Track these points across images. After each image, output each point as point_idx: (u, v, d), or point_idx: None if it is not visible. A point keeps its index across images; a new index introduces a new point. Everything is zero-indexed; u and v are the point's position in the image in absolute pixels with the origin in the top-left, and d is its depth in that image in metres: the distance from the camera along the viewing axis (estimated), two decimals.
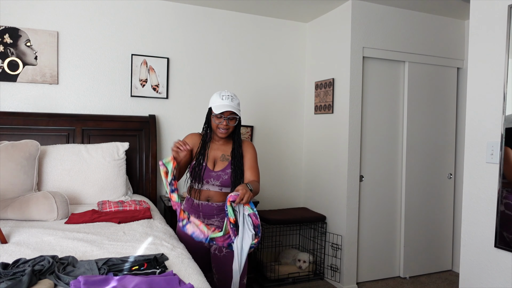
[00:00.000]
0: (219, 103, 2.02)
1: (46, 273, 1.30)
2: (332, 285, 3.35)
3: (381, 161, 3.42)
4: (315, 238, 3.53)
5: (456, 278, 3.49)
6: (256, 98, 3.66)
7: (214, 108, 2.02)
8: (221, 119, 2.03)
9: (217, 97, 2.05)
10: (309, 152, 3.78)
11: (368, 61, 3.31)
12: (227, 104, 2.01)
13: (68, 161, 2.61)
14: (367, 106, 3.33)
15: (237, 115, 2.05)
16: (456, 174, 3.75)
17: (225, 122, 2.03)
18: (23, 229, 1.92)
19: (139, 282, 1.22)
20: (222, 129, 2.04)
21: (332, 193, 3.40)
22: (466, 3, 3.15)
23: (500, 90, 2.05)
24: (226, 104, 2.00)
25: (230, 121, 2.04)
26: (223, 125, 2.03)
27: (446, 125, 3.68)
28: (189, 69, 3.40)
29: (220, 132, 2.06)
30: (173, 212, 2.87)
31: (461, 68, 3.71)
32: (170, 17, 3.32)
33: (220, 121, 2.03)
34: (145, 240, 1.82)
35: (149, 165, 3.12)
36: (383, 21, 3.30)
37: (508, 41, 2.01)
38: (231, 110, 2.00)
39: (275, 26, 3.70)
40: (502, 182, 2.02)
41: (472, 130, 2.22)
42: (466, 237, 2.25)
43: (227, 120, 2.03)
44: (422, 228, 3.58)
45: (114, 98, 3.18)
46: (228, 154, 2.12)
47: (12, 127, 2.78)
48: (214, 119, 2.05)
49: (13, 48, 2.87)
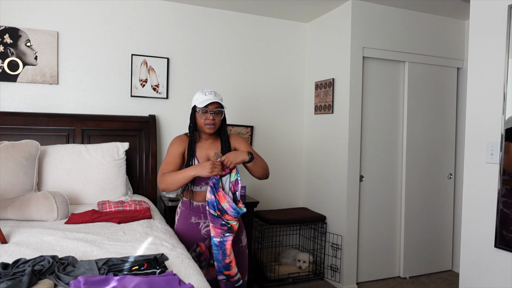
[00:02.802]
0: (203, 99, 2.04)
1: (46, 273, 1.30)
2: (332, 285, 3.35)
3: (381, 161, 3.42)
4: (315, 238, 3.53)
5: (456, 278, 3.49)
6: (256, 98, 3.66)
7: (198, 103, 2.04)
8: (207, 114, 2.04)
9: (200, 94, 2.08)
10: (309, 152, 3.78)
11: (368, 61, 3.31)
12: (211, 97, 2.03)
13: (68, 161, 2.61)
14: (367, 106, 3.33)
15: (222, 108, 2.07)
16: (456, 174, 3.75)
17: (211, 116, 2.04)
18: (23, 229, 1.92)
19: (139, 282, 1.22)
20: (209, 124, 2.05)
21: (332, 193, 3.40)
22: (466, 3, 3.15)
23: (500, 90, 2.05)
24: (210, 98, 2.03)
25: (216, 115, 2.06)
26: (209, 120, 2.04)
27: (446, 125, 3.68)
28: (189, 69, 3.40)
29: (208, 128, 2.06)
30: (173, 212, 2.86)
31: (461, 68, 3.71)
32: (170, 17, 3.32)
33: (206, 116, 2.05)
34: (145, 240, 1.82)
35: (149, 165, 3.12)
36: (383, 21, 3.30)
37: (508, 41, 2.01)
38: (216, 102, 2.03)
39: (275, 26, 3.70)
40: (503, 179, 2.02)
41: (472, 130, 2.22)
42: (466, 237, 2.25)
43: (213, 114, 2.04)
44: (422, 228, 3.58)
45: (114, 98, 3.18)
46: (219, 151, 2.13)
47: (12, 127, 2.78)
48: (200, 115, 2.05)
49: (13, 48, 2.87)
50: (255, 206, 3.16)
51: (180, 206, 2.22)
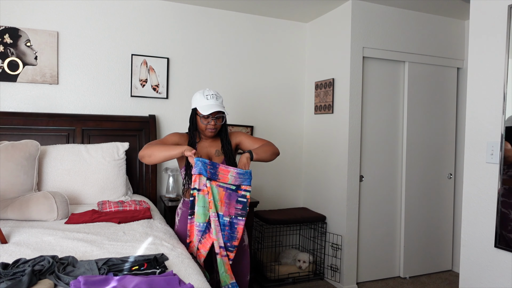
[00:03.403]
0: (204, 104, 2.01)
1: (46, 273, 1.30)
2: (332, 285, 3.35)
3: (381, 161, 3.42)
4: (315, 238, 3.53)
5: (456, 278, 3.49)
6: (256, 98, 3.66)
7: (200, 109, 2.01)
8: (209, 119, 2.03)
9: (201, 97, 2.04)
10: (309, 152, 3.78)
11: (368, 61, 3.31)
12: (213, 103, 2.01)
13: (68, 161, 2.61)
14: (367, 106, 3.33)
15: (224, 114, 2.06)
16: (456, 174, 3.75)
17: (213, 122, 2.03)
18: (23, 229, 1.92)
19: (139, 282, 1.22)
20: (210, 129, 2.05)
21: (332, 193, 3.40)
22: (466, 3, 3.15)
23: (500, 90, 2.05)
24: (212, 104, 2.00)
25: (217, 120, 2.05)
26: (211, 125, 2.04)
27: (446, 125, 3.68)
28: (189, 69, 3.40)
29: (209, 132, 2.07)
30: (173, 212, 2.86)
31: (461, 68, 3.71)
32: (170, 17, 3.32)
33: (208, 121, 2.04)
34: (145, 240, 1.82)
35: (149, 165, 3.12)
36: (383, 21, 3.30)
37: (508, 41, 2.01)
38: (218, 110, 2.01)
39: (275, 26, 3.70)
40: (503, 179, 2.02)
41: (472, 130, 2.22)
42: (466, 237, 2.25)
43: (215, 119, 2.03)
44: (422, 228, 3.58)
45: (114, 98, 3.18)
46: (220, 149, 2.13)
47: (12, 127, 2.78)
48: (202, 120, 2.04)
49: (13, 48, 2.87)
50: (255, 206, 3.15)
51: (180, 207, 2.21)
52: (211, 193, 1.91)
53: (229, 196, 1.95)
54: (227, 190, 1.95)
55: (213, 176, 1.92)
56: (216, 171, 1.93)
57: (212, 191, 1.91)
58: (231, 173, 1.94)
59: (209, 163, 1.90)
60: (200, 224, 1.92)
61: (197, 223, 1.92)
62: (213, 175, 1.92)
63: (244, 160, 1.99)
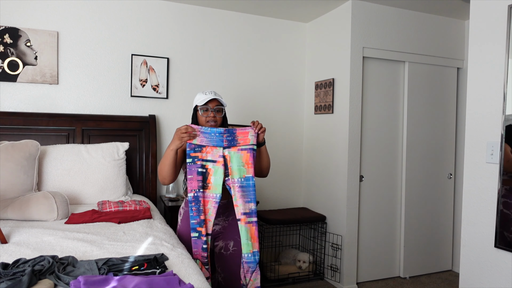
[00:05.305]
0: (203, 98, 2.08)
1: (46, 273, 1.30)
2: (332, 285, 3.35)
3: (381, 161, 3.42)
4: (315, 238, 3.53)
5: (456, 278, 3.49)
6: (256, 98, 3.66)
7: (199, 102, 2.08)
8: (208, 112, 2.08)
9: (200, 94, 2.12)
10: (309, 152, 3.78)
11: (368, 61, 3.31)
12: (212, 96, 2.08)
13: (68, 161, 2.61)
14: (367, 106, 3.33)
15: (222, 106, 2.10)
16: (456, 174, 3.75)
17: (212, 113, 2.08)
18: (23, 229, 1.92)
19: (139, 282, 1.22)
20: (210, 121, 2.07)
21: (332, 193, 3.40)
22: (466, 3, 3.15)
23: (500, 90, 2.05)
24: (211, 96, 2.08)
25: (217, 113, 2.09)
26: (211, 117, 2.08)
27: (446, 125, 3.68)
28: (189, 69, 3.40)
29: (209, 125, 2.08)
30: (173, 212, 2.87)
31: (461, 68, 3.71)
32: (170, 17, 3.32)
33: (208, 114, 2.08)
34: (145, 240, 1.82)
35: (149, 165, 3.12)
36: (383, 21, 3.30)
37: (508, 41, 2.01)
38: (216, 99, 2.07)
39: (275, 26, 3.70)
40: (503, 179, 2.02)
41: (472, 130, 2.22)
42: (466, 237, 2.25)
43: (214, 111, 2.08)
44: (422, 228, 3.58)
45: (114, 98, 3.18)
46: None
47: (12, 127, 2.78)
48: (202, 113, 2.09)
49: (13, 48, 2.87)
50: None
51: (183, 207, 2.19)
52: (230, 161, 1.93)
53: (253, 156, 1.98)
54: (250, 150, 1.96)
55: (231, 143, 1.95)
56: (235, 136, 1.96)
57: (232, 159, 1.94)
58: (250, 133, 1.96)
59: (224, 131, 1.93)
60: (216, 196, 1.94)
61: (213, 194, 1.94)
62: (231, 142, 1.95)
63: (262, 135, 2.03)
